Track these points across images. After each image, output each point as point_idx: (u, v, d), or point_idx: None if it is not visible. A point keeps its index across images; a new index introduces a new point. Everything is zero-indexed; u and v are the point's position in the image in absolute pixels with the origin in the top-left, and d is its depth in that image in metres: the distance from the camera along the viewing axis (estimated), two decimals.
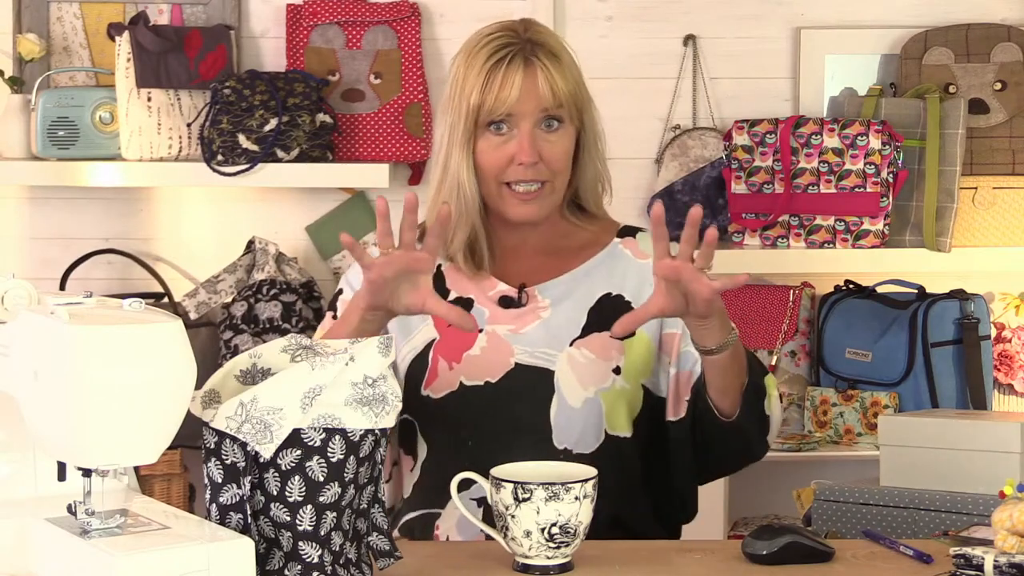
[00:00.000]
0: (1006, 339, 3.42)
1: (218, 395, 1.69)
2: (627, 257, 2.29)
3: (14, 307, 1.72)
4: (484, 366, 2.20)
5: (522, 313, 2.24)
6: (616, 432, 2.20)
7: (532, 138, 2.19)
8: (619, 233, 2.33)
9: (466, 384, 2.19)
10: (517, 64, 2.20)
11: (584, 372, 2.19)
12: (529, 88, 2.19)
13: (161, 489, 3.14)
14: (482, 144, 2.21)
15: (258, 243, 3.37)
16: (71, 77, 3.43)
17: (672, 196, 3.41)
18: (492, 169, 2.21)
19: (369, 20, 3.40)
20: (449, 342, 2.22)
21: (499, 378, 2.19)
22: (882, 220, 3.22)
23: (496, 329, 2.22)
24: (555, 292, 2.25)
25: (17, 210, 3.50)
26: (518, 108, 2.19)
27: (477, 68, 2.20)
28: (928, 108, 3.25)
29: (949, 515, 2.11)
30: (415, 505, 2.20)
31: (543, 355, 2.20)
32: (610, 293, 2.25)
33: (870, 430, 3.25)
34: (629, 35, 3.48)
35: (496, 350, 2.21)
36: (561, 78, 2.21)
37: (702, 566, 1.86)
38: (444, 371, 2.20)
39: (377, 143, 3.38)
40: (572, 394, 2.18)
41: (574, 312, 2.24)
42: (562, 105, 2.21)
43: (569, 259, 2.29)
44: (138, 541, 1.59)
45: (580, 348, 2.20)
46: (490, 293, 2.25)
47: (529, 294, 2.25)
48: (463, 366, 2.20)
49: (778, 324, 3.37)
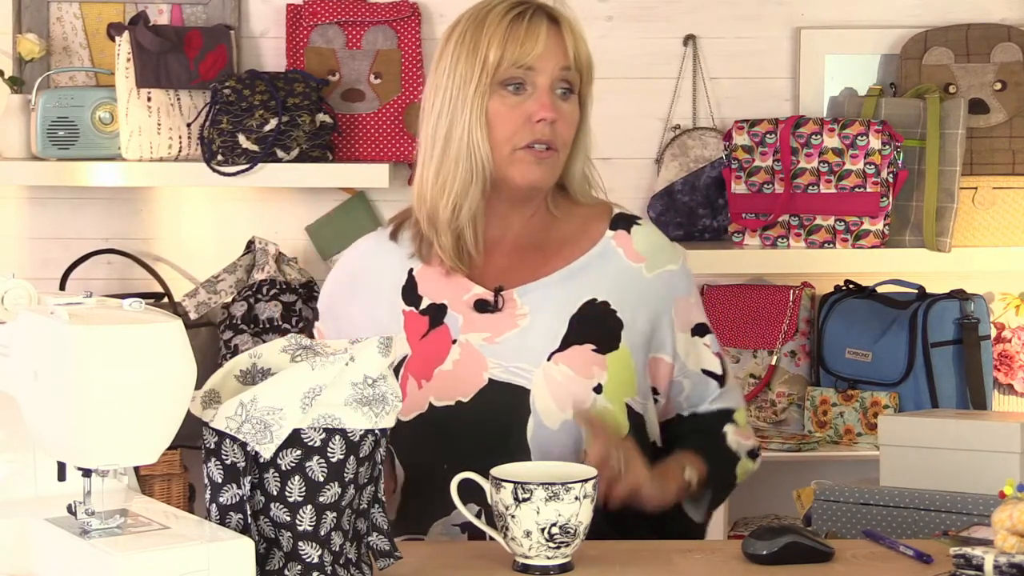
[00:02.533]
0: (1006, 339, 3.43)
1: (218, 395, 1.69)
2: (618, 257, 2.17)
3: (14, 307, 1.72)
4: (456, 384, 2.09)
5: (498, 319, 2.11)
6: None
7: (551, 96, 2.10)
8: (612, 223, 2.21)
9: (436, 405, 2.09)
10: (541, 18, 2.11)
11: (561, 391, 2.07)
12: (555, 44, 2.10)
13: (161, 489, 3.14)
14: (496, 105, 2.10)
15: (258, 243, 3.37)
16: (71, 77, 3.43)
17: (672, 196, 3.41)
18: (509, 129, 2.10)
19: (369, 20, 3.40)
20: (420, 357, 2.11)
21: (471, 397, 2.08)
22: (882, 220, 3.22)
23: (470, 339, 2.11)
24: (535, 296, 2.13)
25: (17, 210, 3.50)
26: (541, 63, 2.09)
27: (495, 23, 2.09)
28: (928, 108, 3.25)
29: (949, 515, 2.11)
30: (399, 531, 2.09)
31: (518, 370, 2.08)
32: (595, 299, 2.13)
33: (870, 430, 3.25)
34: (629, 35, 3.48)
35: (469, 364, 2.09)
36: (583, 42, 2.13)
37: (702, 566, 1.86)
38: (413, 391, 2.10)
39: (377, 143, 3.38)
40: (549, 416, 2.06)
41: (554, 320, 2.11)
42: (580, 71, 2.12)
43: (552, 257, 2.16)
44: (138, 541, 1.59)
45: (558, 363, 2.08)
46: (465, 297, 2.13)
47: (506, 298, 2.12)
48: (433, 384, 2.09)
49: (778, 324, 3.37)
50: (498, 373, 2.09)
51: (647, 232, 2.22)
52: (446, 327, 2.13)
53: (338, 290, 2.26)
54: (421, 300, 2.16)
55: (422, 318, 2.15)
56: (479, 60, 2.09)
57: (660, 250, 2.21)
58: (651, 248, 2.20)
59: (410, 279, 2.18)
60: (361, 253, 2.27)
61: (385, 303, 2.18)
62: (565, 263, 2.16)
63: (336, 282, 2.28)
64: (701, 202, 3.42)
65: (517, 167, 2.10)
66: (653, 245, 2.21)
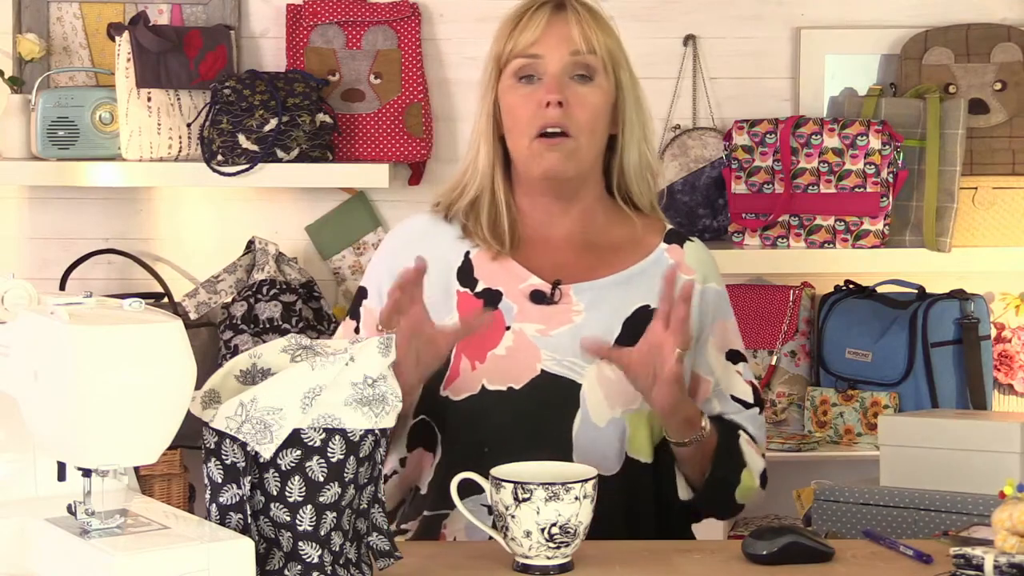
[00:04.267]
0: (1006, 339, 3.42)
1: (218, 395, 1.69)
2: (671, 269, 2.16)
3: (14, 307, 1.72)
4: (509, 369, 2.10)
5: (553, 312, 2.13)
6: (636, 456, 2.12)
7: (560, 81, 2.10)
8: (666, 237, 2.23)
9: (488, 388, 2.10)
10: (546, 10, 2.13)
11: (613, 390, 2.09)
12: (557, 30, 2.12)
13: (161, 489, 3.14)
14: (510, 96, 2.14)
15: (258, 243, 3.37)
16: (71, 77, 3.43)
17: (672, 196, 3.40)
18: (522, 118, 2.11)
19: (369, 20, 3.40)
20: (474, 338, 2.10)
21: (523, 385, 2.10)
22: (882, 220, 3.22)
23: (524, 328, 2.12)
24: (591, 295, 2.15)
25: (17, 210, 3.50)
26: (546, 50, 2.11)
27: (505, 20, 2.15)
28: (928, 108, 3.25)
29: (949, 515, 2.11)
30: (432, 504, 2.12)
31: (571, 364, 2.10)
32: (648, 306, 2.13)
33: (870, 430, 3.25)
34: (629, 35, 3.43)
35: (523, 352, 2.11)
36: (597, 27, 2.13)
37: (702, 566, 1.86)
38: (466, 371, 2.11)
39: (377, 143, 3.38)
40: (597, 412, 2.09)
41: (608, 321, 2.13)
42: (594, 53, 2.12)
43: (608, 259, 2.18)
44: (138, 541, 1.59)
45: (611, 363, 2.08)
46: (521, 286, 2.15)
47: (563, 292, 2.14)
48: (487, 367, 2.11)
49: (778, 324, 3.37)
50: (551, 365, 2.10)
51: (698, 249, 2.26)
52: (500, 312, 2.13)
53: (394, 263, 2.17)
54: (477, 283, 2.17)
55: (477, 300, 2.15)
56: (492, 56, 2.15)
57: (709, 269, 2.24)
58: (701, 265, 2.23)
59: (466, 261, 2.18)
60: (416, 229, 2.25)
61: (439, 283, 2.16)
62: (620, 268, 2.18)
63: (391, 254, 2.22)
64: (701, 202, 3.42)
65: (534, 158, 2.12)
66: (703, 263, 2.24)
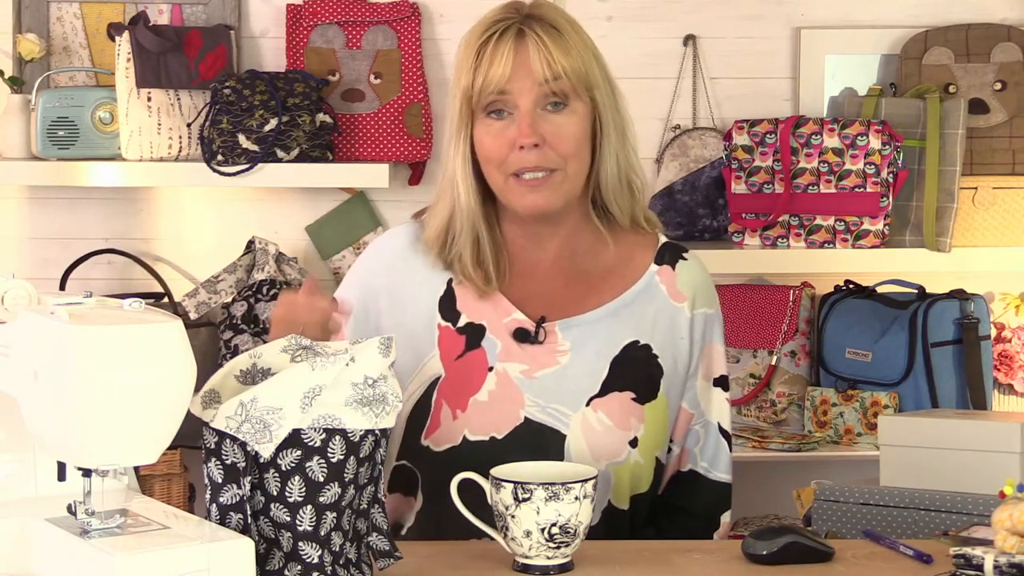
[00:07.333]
0: (1006, 339, 3.42)
1: (218, 395, 1.69)
2: (661, 296, 2.11)
3: (14, 307, 1.72)
4: (491, 418, 2.03)
5: (537, 353, 2.05)
6: (617, 504, 2.08)
7: (532, 118, 1.99)
8: (657, 257, 2.14)
9: (470, 440, 2.03)
10: (508, 38, 2.00)
11: (598, 443, 2.03)
12: (521, 62, 1.99)
13: (161, 489, 3.14)
14: (481, 133, 2.02)
15: (258, 243, 3.37)
16: (71, 77, 3.43)
17: (672, 196, 3.41)
18: (495, 158, 2.01)
19: (369, 20, 3.40)
20: (455, 383, 2.04)
21: (506, 434, 2.03)
22: (882, 220, 3.22)
23: (507, 369, 2.04)
24: (577, 333, 2.06)
25: (17, 210, 3.50)
26: (512, 86, 1.99)
27: (467, 50, 2.03)
28: (928, 108, 3.25)
29: (949, 515, 2.11)
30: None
31: (555, 412, 2.03)
32: (637, 342, 2.07)
33: (870, 430, 3.25)
34: (629, 35, 3.48)
35: (505, 398, 2.03)
36: (560, 51, 1.99)
37: (702, 566, 1.86)
38: (447, 420, 2.04)
39: (377, 143, 3.38)
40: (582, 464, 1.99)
41: (596, 361, 2.05)
42: (563, 79, 2.00)
43: (597, 288, 2.10)
44: (138, 541, 1.60)
45: (597, 411, 2.04)
46: (505, 321, 2.06)
47: (547, 331, 2.06)
48: (468, 416, 2.03)
49: (778, 324, 3.37)
50: (535, 412, 2.04)
51: (692, 269, 2.16)
52: (483, 351, 2.06)
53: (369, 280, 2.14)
54: (459, 317, 2.08)
55: (459, 337, 2.08)
56: (460, 89, 2.04)
57: (702, 291, 2.16)
58: (694, 287, 2.15)
59: (449, 291, 2.10)
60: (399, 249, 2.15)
61: (420, 314, 2.10)
62: (609, 298, 2.10)
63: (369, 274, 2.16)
64: (701, 202, 3.42)
65: (513, 194, 2.03)
66: (696, 285, 2.15)
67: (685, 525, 2.16)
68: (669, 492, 2.17)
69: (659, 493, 2.15)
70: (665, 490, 2.16)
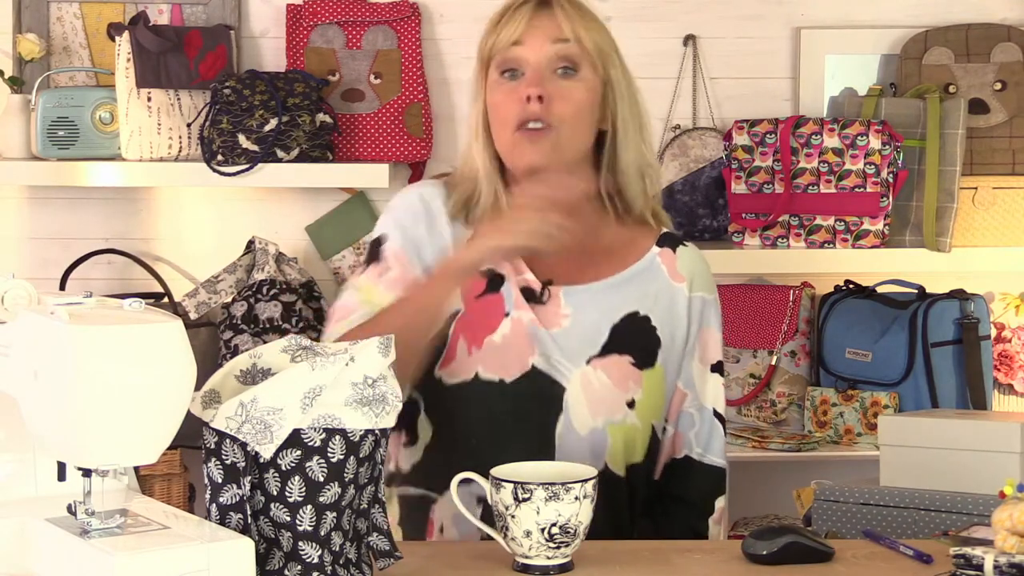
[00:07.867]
0: (1006, 339, 3.43)
1: (218, 395, 1.69)
2: (662, 276, 2.18)
3: (14, 307, 1.72)
4: (503, 360, 2.08)
5: (541, 311, 2.11)
6: (613, 468, 2.11)
7: (540, 76, 2.09)
8: (659, 241, 2.20)
9: (481, 378, 2.08)
10: (529, 5, 2.11)
11: (596, 399, 2.09)
12: (539, 24, 2.10)
13: (161, 489, 3.14)
14: (496, 94, 2.12)
15: (258, 243, 3.37)
16: (71, 77, 3.43)
17: (672, 196, 3.41)
18: (506, 115, 2.10)
19: (369, 20, 3.40)
20: (473, 320, 2.10)
21: (514, 379, 2.08)
22: (882, 220, 3.22)
23: (521, 317, 2.10)
24: (579, 299, 2.13)
25: (17, 210, 3.50)
26: (527, 43, 2.09)
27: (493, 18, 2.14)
28: (928, 108, 3.25)
29: (949, 515, 2.11)
30: (415, 482, 2.13)
31: (559, 365, 2.09)
32: (637, 312, 2.14)
33: (870, 430, 3.25)
34: (629, 35, 3.45)
35: (518, 342, 2.09)
36: (580, 20, 2.11)
37: (702, 566, 1.86)
38: (462, 354, 2.09)
39: (377, 143, 3.38)
40: (580, 420, 2.07)
41: (596, 326, 2.11)
42: (578, 44, 2.10)
43: (601, 264, 2.16)
44: (138, 541, 1.59)
45: (596, 369, 2.09)
46: (517, 277, 2.13)
47: (552, 292, 2.12)
48: (482, 354, 2.09)
49: (778, 324, 3.37)
50: (541, 362, 2.09)
51: (691, 255, 2.22)
52: (501, 296, 2.12)
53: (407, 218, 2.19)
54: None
55: (481, 278, 2.14)
56: (478, 54, 2.14)
57: (700, 276, 2.21)
58: (692, 272, 2.20)
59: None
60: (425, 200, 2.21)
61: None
62: (610, 273, 2.16)
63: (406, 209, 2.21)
64: (701, 202, 3.42)
65: (516, 151, 2.11)
66: (695, 270, 2.20)
67: (681, 514, 2.19)
68: (664, 481, 2.19)
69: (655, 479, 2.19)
70: (660, 479, 2.19)
